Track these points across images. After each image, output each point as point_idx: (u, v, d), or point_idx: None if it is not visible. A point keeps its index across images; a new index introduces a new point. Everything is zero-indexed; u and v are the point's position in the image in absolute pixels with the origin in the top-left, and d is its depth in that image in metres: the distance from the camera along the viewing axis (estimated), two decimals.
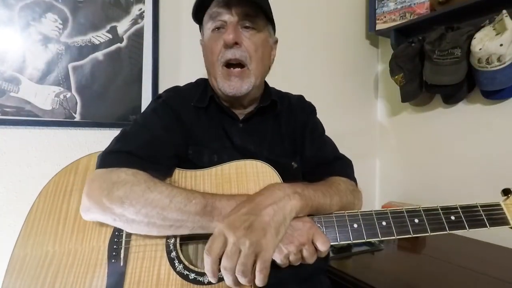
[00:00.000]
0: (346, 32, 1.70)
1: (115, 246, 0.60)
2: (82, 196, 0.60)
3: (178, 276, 0.57)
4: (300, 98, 0.92)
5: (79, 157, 1.03)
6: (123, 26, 1.10)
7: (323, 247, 0.54)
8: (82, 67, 1.03)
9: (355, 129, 1.72)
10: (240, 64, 0.71)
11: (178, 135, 0.71)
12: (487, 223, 0.61)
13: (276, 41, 0.84)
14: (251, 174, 0.65)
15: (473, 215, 0.62)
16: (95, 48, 1.05)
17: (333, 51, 1.66)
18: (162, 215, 0.54)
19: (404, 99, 1.52)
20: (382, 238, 0.59)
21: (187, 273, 0.58)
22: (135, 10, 1.12)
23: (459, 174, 1.43)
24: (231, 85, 0.71)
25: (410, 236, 0.59)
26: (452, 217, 0.61)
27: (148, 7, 1.14)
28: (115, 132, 0.75)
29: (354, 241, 0.59)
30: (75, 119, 1.03)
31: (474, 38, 1.22)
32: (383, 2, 1.62)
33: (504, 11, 1.17)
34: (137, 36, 1.13)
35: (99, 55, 1.06)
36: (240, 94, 0.72)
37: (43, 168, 1.00)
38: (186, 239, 0.63)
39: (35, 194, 0.98)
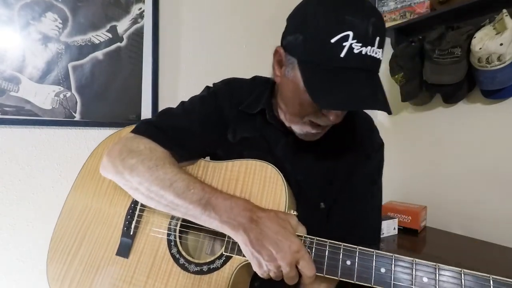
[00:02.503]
0: None
1: (129, 217, 0.68)
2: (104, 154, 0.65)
3: (171, 257, 0.63)
4: (370, 124, 0.76)
5: (79, 156, 1.05)
6: (123, 25, 1.10)
7: (307, 273, 0.51)
8: (82, 67, 1.03)
9: None
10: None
11: (213, 135, 0.70)
12: None
13: None
14: (258, 178, 0.62)
15: None
16: (95, 47, 1.05)
17: None
18: (160, 194, 0.58)
19: (404, 98, 1.52)
20: None
21: (179, 257, 0.62)
22: (135, 10, 1.12)
23: (459, 174, 1.43)
24: (302, 135, 0.64)
25: None
26: None
27: (148, 6, 1.14)
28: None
29: (341, 279, 0.50)
30: (75, 119, 1.03)
31: (474, 37, 1.22)
32: (383, 1, 1.62)
33: (504, 10, 1.17)
34: (137, 35, 1.13)
35: (99, 54, 1.06)
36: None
37: (43, 168, 1.00)
38: (185, 227, 0.67)
39: (35, 194, 0.99)
